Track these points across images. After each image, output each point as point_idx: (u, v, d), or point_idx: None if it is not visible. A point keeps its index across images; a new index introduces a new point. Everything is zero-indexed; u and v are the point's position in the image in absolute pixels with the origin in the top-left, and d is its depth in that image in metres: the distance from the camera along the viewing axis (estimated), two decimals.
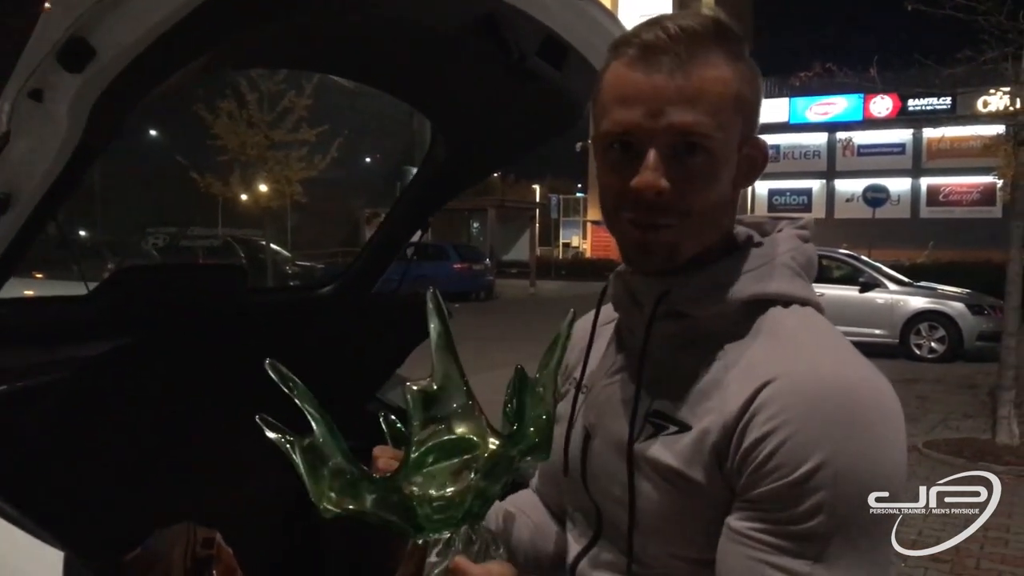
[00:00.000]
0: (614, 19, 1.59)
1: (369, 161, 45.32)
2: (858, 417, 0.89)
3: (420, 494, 1.03)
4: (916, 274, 16.91)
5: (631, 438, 1.03)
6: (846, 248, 17.06)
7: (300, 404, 1.03)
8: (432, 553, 1.05)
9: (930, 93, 28.93)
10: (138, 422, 2.11)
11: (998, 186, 18.23)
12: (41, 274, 9.52)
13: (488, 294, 26.08)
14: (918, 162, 38.25)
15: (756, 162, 1.04)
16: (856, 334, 12.77)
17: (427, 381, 1.08)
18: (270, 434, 1.01)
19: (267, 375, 1.03)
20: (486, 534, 1.08)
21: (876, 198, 23.24)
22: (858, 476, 0.87)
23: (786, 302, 1.02)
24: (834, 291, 13.50)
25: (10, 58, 1.29)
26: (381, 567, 1.53)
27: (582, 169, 44.82)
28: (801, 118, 40.04)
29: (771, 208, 40.21)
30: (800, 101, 39.34)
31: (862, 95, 35.98)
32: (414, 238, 2.73)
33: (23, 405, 1.87)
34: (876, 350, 12.87)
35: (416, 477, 1.04)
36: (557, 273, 35.25)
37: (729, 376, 0.96)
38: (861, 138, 39.21)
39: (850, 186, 37.97)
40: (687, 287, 1.02)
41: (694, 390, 0.99)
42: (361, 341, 2.65)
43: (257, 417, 1.01)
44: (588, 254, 43.59)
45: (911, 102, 35.47)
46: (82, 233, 30.53)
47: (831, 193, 40.42)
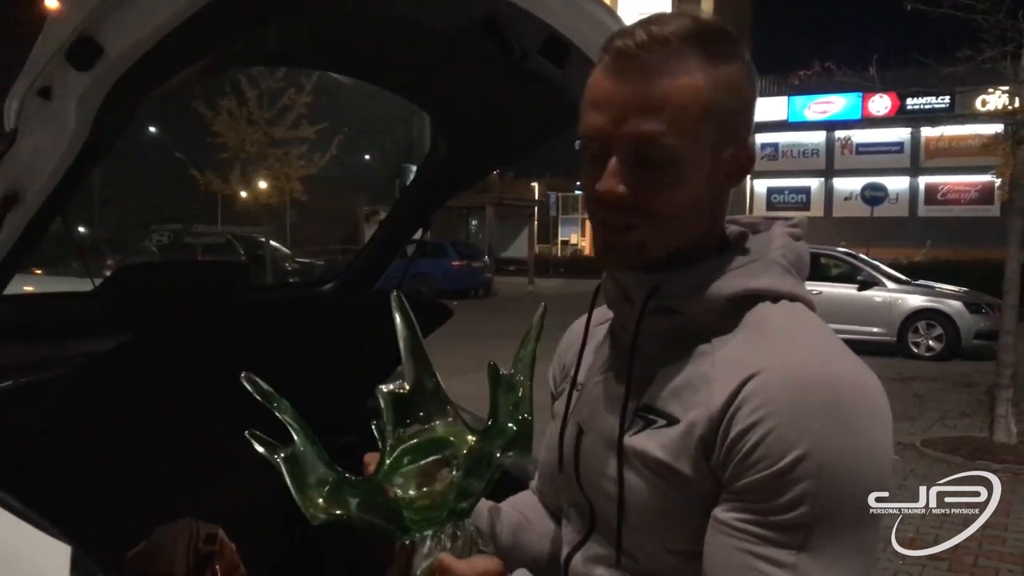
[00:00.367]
0: (615, 17, 1.60)
1: (368, 159, 45.20)
2: (842, 409, 0.90)
3: (402, 496, 1.05)
4: (914, 272, 16.92)
5: (621, 432, 1.04)
6: (844, 246, 17.04)
7: (279, 415, 1.05)
8: (418, 552, 1.07)
9: (929, 92, 28.98)
10: (140, 419, 2.11)
11: (996, 185, 18.27)
12: (40, 270, 9.53)
13: (486, 291, 26.08)
14: (916, 161, 38.22)
15: (741, 165, 1.05)
16: (854, 332, 12.80)
17: (398, 384, 1.10)
18: (259, 448, 1.03)
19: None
20: (471, 531, 1.10)
21: (874, 197, 23.14)
22: (842, 467, 0.88)
23: (775, 298, 1.03)
24: (832, 289, 13.52)
25: (13, 56, 1.30)
26: (380, 565, 1.54)
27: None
28: (800, 116, 39.99)
29: (769, 206, 40.23)
30: (799, 100, 39.27)
31: (860, 94, 35.91)
32: (416, 236, 2.74)
33: (26, 401, 1.87)
34: (874, 348, 12.90)
35: (395, 479, 1.06)
36: (556, 270, 35.22)
37: (716, 370, 0.97)
38: (860, 137, 39.15)
39: (848, 185, 37.92)
40: (676, 283, 1.04)
41: (683, 384, 1.00)
42: (362, 339, 2.66)
43: (247, 433, 1.03)
44: (587, 252, 43.49)
45: (910, 101, 35.45)
46: (81, 230, 30.48)
47: (829, 192, 40.38)
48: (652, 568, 1.04)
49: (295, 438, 1.05)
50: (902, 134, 37.21)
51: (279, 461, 1.03)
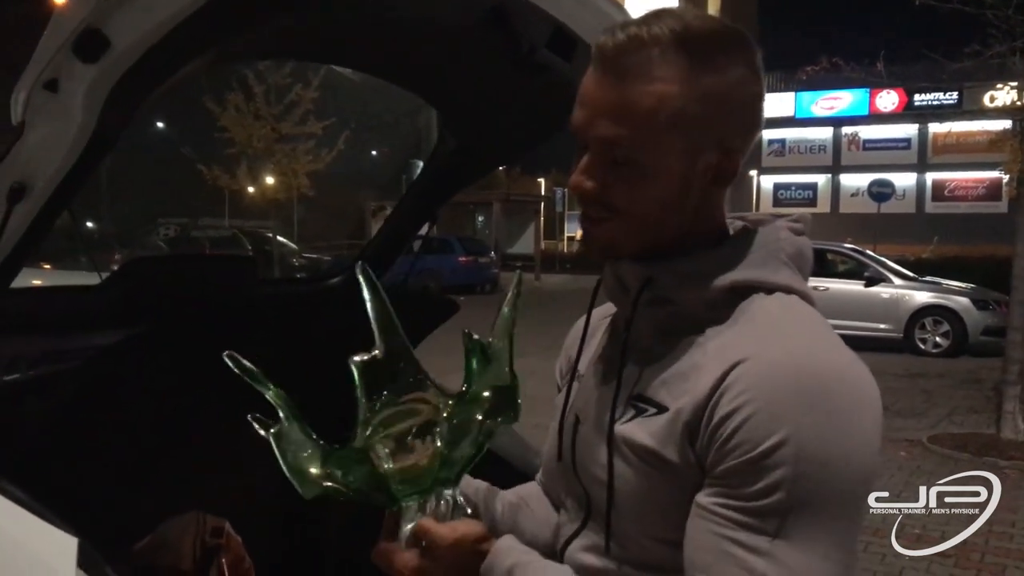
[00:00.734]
0: (622, 10, 1.59)
1: (375, 154, 45.21)
2: (824, 398, 0.90)
3: (387, 469, 1.07)
4: (921, 269, 16.85)
5: (611, 420, 1.05)
6: (851, 243, 17.02)
7: (264, 393, 1.07)
8: (404, 518, 1.10)
9: (937, 88, 28.93)
10: (147, 412, 2.12)
11: (1004, 181, 18.19)
12: (48, 264, 9.56)
13: (493, 287, 26.06)
14: (924, 157, 38.16)
15: (724, 170, 1.04)
16: (860, 328, 12.77)
17: (372, 353, 1.13)
18: (261, 432, 1.06)
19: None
20: (459, 498, 1.13)
21: (881, 193, 23.09)
22: (820, 455, 0.88)
23: (769, 289, 1.03)
24: (839, 285, 13.50)
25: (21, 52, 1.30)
26: None
27: None
28: (807, 112, 39.90)
29: (776, 202, 40.19)
30: (806, 95, 39.18)
31: (868, 89, 35.86)
32: (423, 230, 2.73)
33: (34, 395, 1.88)
34: (881, 345, 12.87)
35: (377, 447, 1.08)
36: (562, 266, 35.18)
37: (706, 359, 0.98)
38: (867, 133, 39.03)
39: (855, 181, 37.87)
40: (670, 273, 1.04)
41: (674, 373, 1.01)
42: (369, 333, 2.66)
43: (248, 416, 1.05)
44: None
45: (917, 97, 35.31)
46: (89, 224, 30.55)
47: (836, 188, 40.32)
48: (641, 556, 1.05)
49: (280, 415, 1.07)
50: (909, 130, 37.18)
51: (268, 438, 1.05)
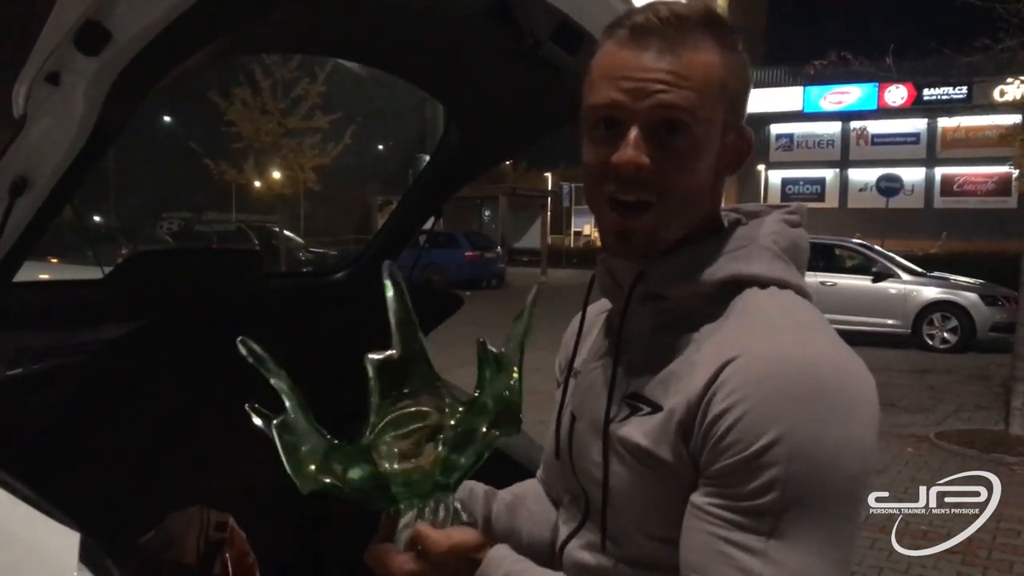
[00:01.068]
0: (628, 3, 1.58)
1: (382, 149, 45.20)
2: (818, 395, 0.89)
3: (389, 469, 1.07)
4: (929, 264, 16.79)
5: (606, 419, 1.05)
6: (859, 238, 16.97)
7: (272, 381, 1.07)
8: (401, 521, 1.09)
9: (946, 82, 28.80)
10: (151, 407, 2.11)
11: (1014, 176, 18.14)
12: (56, 259, 9.58)
13: (499, 282, 26.08)
14: (932, 152, 38.01)
15: (741, 151, 1.05)
16: (868, 324, 12.76)
17: (387, 353, 1.13)
18: (257, 421, 1.04)
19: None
20: (456, 505, 1.11)
21: (890, 188, 23.03)
22: (814, 454, 0.87)
23: (763, 284, 1.01)
24: (846, 281, 13.49)
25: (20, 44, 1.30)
26: None
27: None
28: (815, 107, 39.72)
29: (784, 197, 39.88)
30: (814, 90, 38.97)
31: (876, 84, 35.70)
32: (427, 225, 2.73)
33: (38, 388, 1.88)
34: (888, 340, 12.85)
35: (381, 447, 1.08)
36: (568, 261, 35.14)
37: (699, 356, 0.97)
38: (875, 127, 38.97)
39: (864, 175, 37.74)
40: (662, 268, 1.03)
41: (668, 371, 1.00)
42: (374, 327, 2.65)
43: (246, 406, 1.04)
44: (599, 243, 43.38)
45: (926, 91, 35.19)
46: (97, 219, 30.66)
47: (844, 182, 40.18)
48: (636, 554, 1.05)
49: (287, 405, 1.06)
50: (918, 125, 37.04)
51: (271, 428, 1.04)
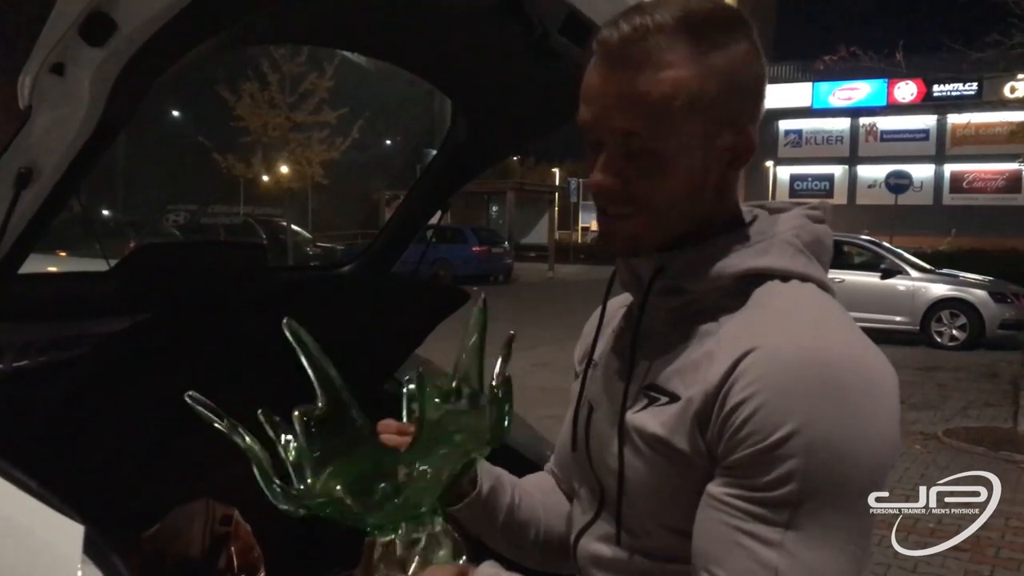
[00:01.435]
0: None
1: (389, 143, 45.24)
2: (837, 388, 0.88)
3: (356, 508, 1.09)
4: (938, 261, 16.77)
5: (623, 409, 1.05)
6: (868, 234, 16.93)
7: (317, 367, 1.17)
8: (376, 552, 1.11)
9: (956, 78, 28.71)
10: (156, 400, 2.11)
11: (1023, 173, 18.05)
12: (64, 252, 9.60)
13: (507, 277, 26.10)
14: (942, 148, 37.88)
15: (740, 150, 1.03)
16: (877, 321, 12.72)
17: (315, 407, 1.18)
18: (219, 426, 1.12)
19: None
20: (435, 533, 1.13)
21: (899, 184, 22.99)
22: (832, 446, 0.87)
23: (784, 277, 1.01)
24: (855, 277, 13.44)
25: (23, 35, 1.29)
26: None
27: None
28: (824, 103, 39.65)
29: (792, 193, 39.96)
30: (823, 86, 38.93)
31: (886, 80, 35.62)
32: (434, 219, 2.72)
33: (43, 381, 1.88)
34: (897, 337, 12.81)
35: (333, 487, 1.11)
36: (576, 257, 35.17)
37: (718, 347, 0.97)
38: (884, 124, 38.87)
39: (873, 172, 37.65)
40: (681, 261, 1.03)
41: (687, 362, 1.00)
42: (379, 322, 2.65)
43: (187, 399, 1.11)
44: None
45: (936, 87, 35.12)
46: (105, 213, 30.72)
47: (853, 179, 40.11)
48: (651, 545, 1.05)
49: (320, 397, 1.16)
50: (928, 121, 36.89)
51: (249, 448, 1.08)
